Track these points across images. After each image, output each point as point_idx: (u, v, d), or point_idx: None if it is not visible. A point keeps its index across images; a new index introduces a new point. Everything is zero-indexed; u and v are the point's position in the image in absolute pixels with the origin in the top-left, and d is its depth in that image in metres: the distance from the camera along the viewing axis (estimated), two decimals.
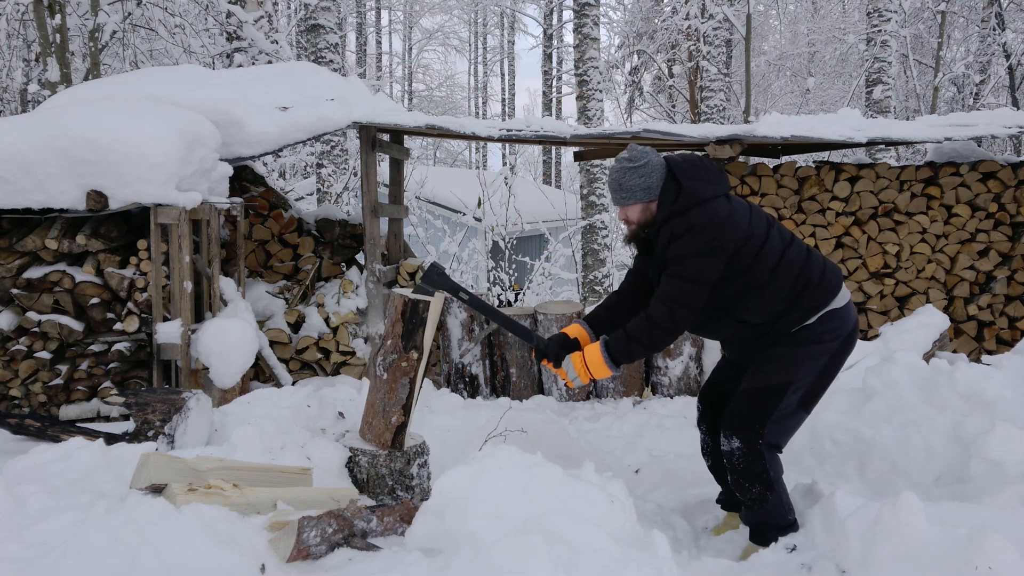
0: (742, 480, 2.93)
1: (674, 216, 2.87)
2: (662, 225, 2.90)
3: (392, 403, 3.04)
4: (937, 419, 3.42)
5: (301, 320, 5.83)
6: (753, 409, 2.89)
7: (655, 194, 2.93)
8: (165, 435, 3.46)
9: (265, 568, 2.16)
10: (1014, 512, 2.70)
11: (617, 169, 2.95)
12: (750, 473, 2.90)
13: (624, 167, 2.92)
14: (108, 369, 4.98)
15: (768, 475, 2.90)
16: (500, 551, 1.97)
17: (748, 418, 2.90)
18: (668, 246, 2.85)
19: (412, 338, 3.01)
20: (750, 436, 2.88)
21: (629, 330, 2.91)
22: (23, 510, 2.40)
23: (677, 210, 2.87)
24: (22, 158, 4.55)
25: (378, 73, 25.03)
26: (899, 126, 5.79)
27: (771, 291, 2.87)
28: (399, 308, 3.03)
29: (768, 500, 2.92)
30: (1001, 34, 13.06)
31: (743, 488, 2.94)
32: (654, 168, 2.92)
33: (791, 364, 2.87)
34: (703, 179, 2.92)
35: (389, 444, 3.06)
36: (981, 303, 5.84)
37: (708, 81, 13.88)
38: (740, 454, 2.90)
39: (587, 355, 2.97)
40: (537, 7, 23.41)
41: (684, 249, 2.80)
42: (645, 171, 2.91)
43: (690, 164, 2.96)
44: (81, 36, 9.27)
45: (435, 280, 3.09)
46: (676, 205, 2.87)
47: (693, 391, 5.61)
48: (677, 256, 2.82)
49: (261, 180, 6.09)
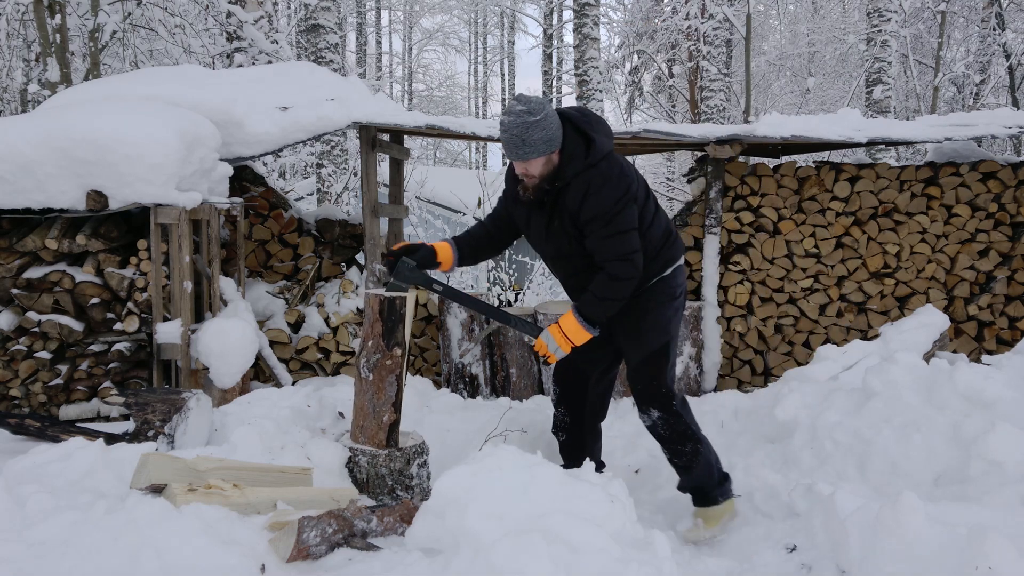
0: (674, 444, 3.16)
1: (588, 168, 2.89)
2: (574, 177, 2.90)
3: (382, 402, 3.05)
4: (937, 419, 3.42)
5: (301, 320, 5.83)
6: (654, 377, 3.13)
7: (556, 144, 2.88)
8: (165, 435, 3.46)
9: (265, 568, 2.16)
10: (1014, 512, 2.70)
11: (517, 124, 2.83)
12: (678, 434, 3.14)
13: (525, 121, 2.82)
14: (108, 369, 4.98)
15: (692, 428, 3.17)
16: (500, 551, 1.97)
17: (655, 387, 3.14)
18: (584, 200, 2.88)
19: (393, 335, 3.02)
20: (664, 401, 3.13)
21: (596, 291, 2.96)
22: (23, 510, 2.41)
23: (591, 163, 2.90)
24: (22, 158, 4.55)
25: (378, 73, 25.02)
26: (899, 126, 5.79)
27: (648, 240, 3.04)
28: (376, 308, 3.04)
29: (701, 453, 3.18)
30: (1001, 34, 13.06)
31: (678, 451, 3.17)
32: (552, 118, 2.87)
33: (663, 324, 3.12)
34: (603, 132, 2.97)
35: (384, 443, 3.06)
36: (981, 303, 5.84)
37: (708, 81, 13.88)
38: (663, 422, 3.14)
39: (563, 324, 3.00)
40: (537, 7, 23.42)
41: (606, 203, 2.88)
42: (546, 123, 2.84)
43: (586, 116, 3.00)
44: (81, 36, 9.26)
45: (407, 276, 3.12)
46: (589, 158, 2.89)
47: (694, 391, 5.61)
48: (603, 212, 2.89)
49: (261, 180, 6.09)
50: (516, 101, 2.88)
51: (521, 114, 2.83)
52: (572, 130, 2.94)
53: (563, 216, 2.97)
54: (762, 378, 5.94)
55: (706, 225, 5.80)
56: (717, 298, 5.82)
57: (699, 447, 3.17)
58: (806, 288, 5.92)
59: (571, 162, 2.91)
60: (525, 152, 2.86)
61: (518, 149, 2.86)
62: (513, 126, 2.84)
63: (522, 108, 2.84)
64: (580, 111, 3.03)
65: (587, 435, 3.46)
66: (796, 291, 5.90)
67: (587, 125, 2.96)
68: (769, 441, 3.98)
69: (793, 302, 5.93)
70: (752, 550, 2.89)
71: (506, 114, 2.87)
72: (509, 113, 2.86)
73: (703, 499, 3.23)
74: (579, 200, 2.89)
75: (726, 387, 5.85)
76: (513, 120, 2.84)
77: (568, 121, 2.96)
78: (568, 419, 3.43)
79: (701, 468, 3.19)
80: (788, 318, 5.92)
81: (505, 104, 28.00)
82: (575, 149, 2.91)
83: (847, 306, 5.94)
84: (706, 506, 3.23)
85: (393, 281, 3.11)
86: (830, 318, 5.93)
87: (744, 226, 5.88)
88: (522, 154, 2.87)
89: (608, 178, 2.90)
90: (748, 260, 5.87)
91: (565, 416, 3.43)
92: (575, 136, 2.93)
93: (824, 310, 5.95)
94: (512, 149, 2.88)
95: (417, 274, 3.14)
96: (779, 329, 5.94)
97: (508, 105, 2.88)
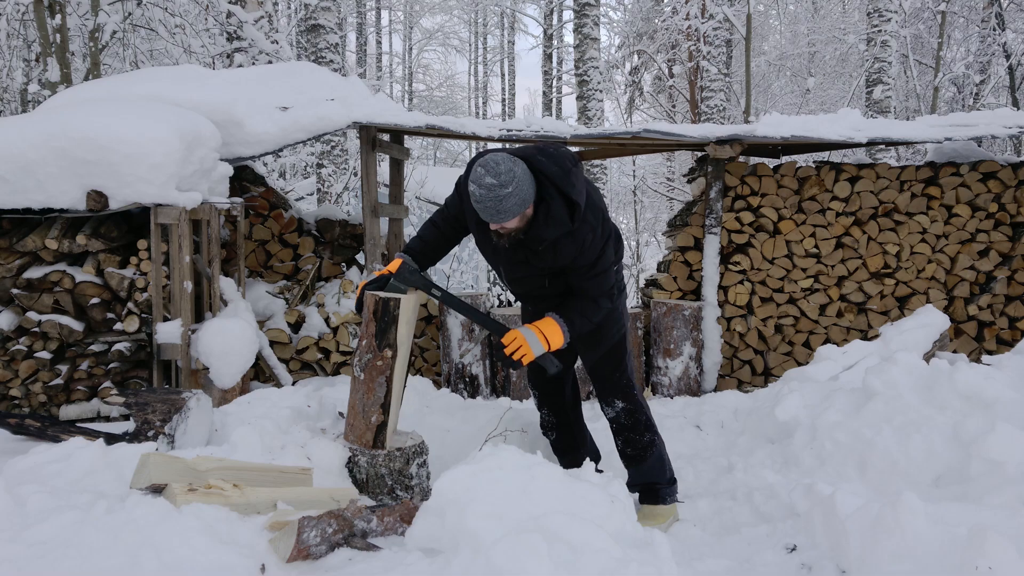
0: (632, 434, 3.30)
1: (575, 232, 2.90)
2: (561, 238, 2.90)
3: (371, 403, 3.05)
4: (937, 419, 3.42)
5: (301, 320, 5.83)
6: (615, 369, 3.27)
7: (530, 200, 2.83)
8: (165, 435, 3.46)
9: (265, 568, 2.16)
10: (1014, 512, 2.70)
11: (490, 197, 2.75)
12: (638, 424, 3.29)
13: (497, 195, 2.74)
14: (108, 369, 4.98)
15: (651, 419, 3.33)
16: (500, 551, 1.97)
17: (617, 378, 3.28)
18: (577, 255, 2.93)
19: (385, 336, 3.01)
20: (627, 391, 3.28)
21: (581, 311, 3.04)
22: (23, 510, 2.40)
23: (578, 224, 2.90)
24: (22, 158, 4.55)
25: (378, 73, 25.01)
26: (899, 126, 5.79)
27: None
28: (371, 307, 3.05)
29: (656, 444, 3.32)
30: (1001, 34, 13.06)
31: (635, 442, 3.30)
32: (522, 181, 2.78)
33: (616, 319, 3.24)
34: (576, 181, 2.89)
35: (371, 444, 3.06)
36: (981, 303, 5.84)
37: (708, 81, 13.88)
38: (626, 412, 3.28)
39: (544, 329, 3.02)
40: (537, 7, 23.42)
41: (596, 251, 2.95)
42: (518, 190, 2.76)
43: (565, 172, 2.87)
44: (81, 36, 9.26)
45: (407, 278, 3.13)
46: (575, 220, 2.89)
47: (693, 391, 5.61)
48: (593, 260, 2.96)
49: (261, 180, 6.09)
50: (484, 171, 2.76)
51: (492, 187, 2.74)
52: (554, 191, 2.86)
53: (544, 260, 2.97)
54: (762, 378, 5.95)
55: (706, 225, 5.80)
56: (717, 298, 5.83)
57: (655, 438, 3.33)
58: (806, 288, 5.92)
59: (555, 224, 2.86)
60: (501, 218, 2.82)
61: (493, 217, 2.82)
62: (487, 199, 2.77)
63: (492, 182, 2.74)
64: (556, 163, 2.89)
65: (574, 427, 3.61)
66: (796, 291, 5.90)
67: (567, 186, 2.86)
68: (769, 441, 3.98)
69: (793, 302, 5.93)
70: (752, 550, 2.89)
71: (476, 186, 2.77)
72: (480, 186, 2.76)
73: (652, 497, 3.32)
74: (572, 255, 2.95)
75: (726, 387, 5.85)
76: (485, 194, 2.76)
77: (547, 180, 2.86)
78: (554, 418, 3.58)
79: (654, 461, 3.31)
80: (788, 318, 5.92)
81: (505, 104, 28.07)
82: (558, 212, 2.85)
83: (847, 306, 5.94)
84: (654, 504, 3.31)
85: (394, 282, 3.13)
86: (830, 318, 5.93)
87: (744, 226, 5.88)
88: (498, 219, 2.83)
89: (594, 228, 2.94)
90: (748, 260, 5.87)
91: (550, 416, 3.59)
92: (557, 199, 2.85)
93: (824, 310, 5.95)
94: (487, 215, 2.83)
95: (417, 277, 3.14)
96: (779, 329, 5.94)
97: (475, 174, 2.76)
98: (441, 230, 3.31)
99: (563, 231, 2.88)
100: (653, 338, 5.65)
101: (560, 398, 3.55)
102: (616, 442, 3.38)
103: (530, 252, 3.00)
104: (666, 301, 5.66)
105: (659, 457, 3.33)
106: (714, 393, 5.40)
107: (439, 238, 3.30)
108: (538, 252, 2.97)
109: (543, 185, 2.87)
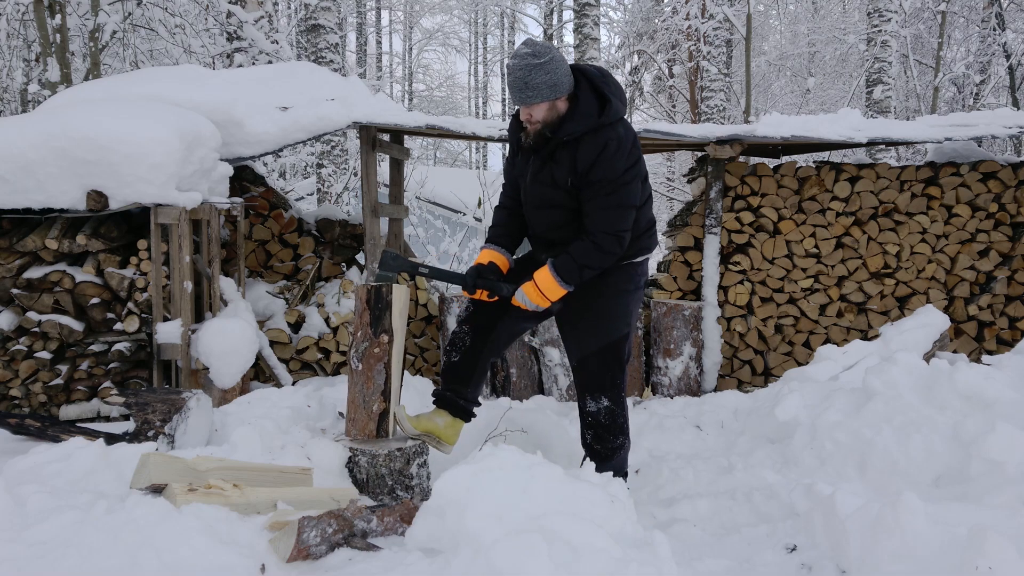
0: (606, 434, 3.18)
1: (603, 128, 2.84)
2: (587, 134, 2.85)
3: (371, 391, 3.06)
4: (937, 419, 3.42)
5: (301, 320, 5.83)
6: (611, 367, 3.14)
7: (562, 91, 2.83)
8: (165, 435, 3.46)
9: (265, 568, 2.16)
10: (1014, 512, 2.70)
11: (521, 67, 2.78)
12: (615, 426, 3.17)
13: (529, 63, 2.76)
14: (108, 369, 4.98)
15: (627, 423, 3.23)
16: (500, 551, 1.97)
17: (611, 376, 3.14)
18: (597, 160, 2.83)
19: (380, 322, 3.03)
20: (615, 392, 3.16)
21: (577, 256, 2.93)
22: (23, 510, 2.40)
23: (604, 122, 2.84)
24: (22, 158, 4.55)
25: (378, 73, 25.00)
26: (899, 126, 5.79)
27: (637, 220, 3.04)
28: (363, 297, 3.08)
29: (625, 448, 3.24)
30: (1001, 34, 13.06)
31: (608, 440, 3.19)
32: (559, 63, 2.80)
33: (625, 314, 3.13)
34: (619, 97, 2.92)
35: (374, 434, 3.07)
36: (981, 303, 5.84)
37: (708, 81, 13.88)
38: (607, 411, 3.15)
39: (539, 280, 2.97)
40: (537, 7, 23.41)
41: (618, 169, 2.83)
42: (551, 67, 2.77)
43: (604, 76, 2.93)
44: (81, 36, 9.26)
45: (391, 264, 3.15)
46: (604, 117, 2.84)
47: (693, 391, 5.61)
48: (613, 178, 2.84)
49: (261, 180, 6.09)
50: (523, 45, 2.82)
51: (525, 56, 2.78)
52: (587, 86, 2.87)
53: (563, 168, 2.92)
54: (762, 378, 5.95)
55: (706, 225, 5.79)
56: (717, 298, 5.83)
57: (626, 442, 3.26)
58: (806, 288, 5.92)
59: (582, 117, 2.84)
60: (528, 96, 2.81)
61: (521, 92, 2.81)
62: (517, 68, 2.79)
63: (527, 51, 2.79)
64: (599, 70, 2.96)
65: (480, 364, 3.28)
66: (796, 291, 5.90)
67: (604, 85, 2.89)
68: (769, 441, 3.98)
69: (793, 302, 5.93)
70: (752, 550, 2.89)
71: (512, 57, 2.83)
72: (515, 56, 2.81)
73: None
74: (591, 159, 2.84)
75: (726, 387, 5.85)
76: (517, 63, 2.79)
77: (584, 76, 2.90)
78: (468, 340, 3.24)
79: (619, 462, 3.27)
80: (788, 318, 5.92)
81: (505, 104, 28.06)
82: (587, 106, 2.84)
83: (847, 306, 5.94)
84: None
85: (380, 272, 3.16)
86: (830, 318, 5.93)
87: (744, 226, 5.88)
88: (525, 98, 2.82)
89: (623, 144, 2.86)
90: (748, 260, 5.87)
91: (467, 336, 3.25)
92: (589, 93, 2.86)
93: (824, 310, 5.95)
94: (516, 92, 2.83)
95: (401, 261, 3.18)
96: (779, 329, 5.94)
97: (515, 49, 2.86)
98: (509, 209, 3.29)
99: (588, 126, 2.84)
100: (653, 338, 5.65)
101: (490, 325, 3.23)
102: (585, 434, 3.25)
103: (554, 164, 2.93)
104: (666, 301, 5.66)
105: (623, 459, 3.31)
106: (714, 393, 5.40)
107: (512, 218, 3.28)
108: (559, 160, 2.90)
109: (579, 82, 2.87)
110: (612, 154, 2.83)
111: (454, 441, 3.29)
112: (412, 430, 3.14)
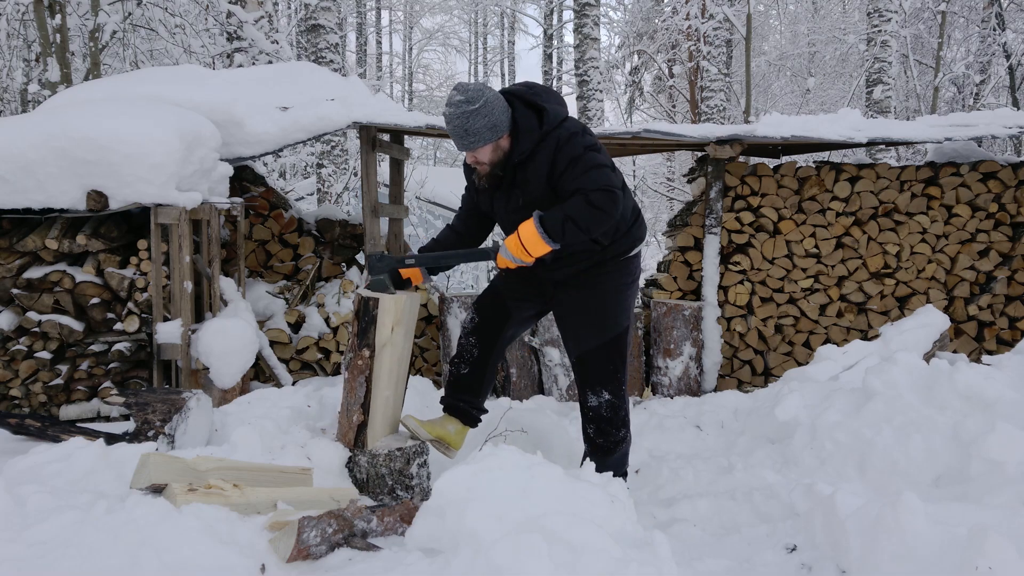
0: (608, 427, 3.16)
1: (547, 135, 2.84)
2: (536, 146, 2.85)
3: (352, 402, 3.06)
4: (937, 419, 3.42)
5: (301, 320, 5.83)
6: (612, 361, 3.14)
7: (502, 130, 2.83)
8: (165, 435, 3.46)
9: (265, 568, 2.16)
10: (1014, 512, 2.70)
11: (457, 115, 2.78)
12: (617, 419, 3.17)
13: (464, 111, 2.76)
14: (108, 369, 4.98)
15: (628, 416, 3.22)
16: (500, 551, 1.97)
17: (612, 370, 3.14)
18: (555, 157, 2.82)
19: (365, 336, 3.01)
20: (617, 386, 3.15)
21: (567, 209, 2.81)
22: (23, 510, 2.40)
23: (548, 129, 2.84)
24: (22, 158, 4.55)
25: (378, 73, 25.00)
26: (899, 126, 5.79)
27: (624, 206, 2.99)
28: (355, 307, 3.07)
29: (626, 441, 3.22)
30: (1001, 34, 13.06)
31: (610, 434, 3.17)
32: (493, 103, 2.80)
33: (624, 309, 3.14)
34: (555, 101, 2.93)
35: (352, 444, 3.06)
36: (981, 303, 5.84)
37: (708, 81, 13.88)
38: (608, 404, 3.14)
39: (522, 233, 2.87)
40: (537, 7, 23.41)
41: (577, 149, 2.81)
42: (486, 109, 2.77)
43: (532, 88, 2.94)
44: (81, 36, 9.26)
45: (378, 267, 3.12)
46: (546, 125, 2.85)
47: (694, 391, 5.61)
48: (576, 157, 2.81)
49: (261, 180, 6.09)
50: (455, 91, 2.82)
51: (460, 104, 2.78)
52: (522, 106, 2.89)
53: (531, 183, 2.92)
54: (762, 378, 5.95)
55: (706, 225, 5.79)
56: (717, 298, 5.83)
57: (628, 435, 3.26)
58: (806, 288, 5.92)
59: (526, 135, 2.85)
60: (471, 142, 2.82)
61: (463, 139, 2.83)
62: (454, 117, 2.79)
63: (460, 98, 2.79)
64: (527, 85, 2.98)
65: (488, 374, 3.36)
66: (796, 291, 5.90)
67: (535, 96, 2.91)
68: (769, 441, 3.98)
69: (793, 302, 5.93)
70: (752, 550, 2.89)
71: (447, 105, 2.83)
72: (449, 104, 2.81)
73: None
74: (549, 161, 2.84)
75: (726, 387, 5.85)
76: (453, 111, 2.79)
77: (515, 98, 2.90)
78: (476, 352, 3.32)
79: (619, 457, 3.27)
80: (788, 318, 5.92)
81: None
82: (527, 122, 2.85)
83: (847, 306, 5.94)
84: None
85: (371, 277, 3.13)
86: (830, 318, 5.93)
87: (744, 226, 5.88)
88: (467, 144, 2.83)
89: (574, 134, 2.86)
90: (748, 260, 5.87)
91: (475, 348, 3.33)
92: (524, 110, 2.87)
93: (824, 310, 5.95)
94: (457, 140, 2.84)
95: (388, 259, 3.14)
96: (779, 329, 5.94)
97: (448, 96, 2.83)
98: (456, 230, 3.31)
99: (534, 139, 2.85)
100: (653, 338, 5.65)
101: (496, 334, 3.30)
102: (587, 429, 3.23)
103: (519, 188, 2.93)
104: (666, 301, 5.66)
105: (625, 453, 3.31)
106: (714, 393, 5.40)
107: (453, 238, 3.30)
108: (522, 182, 2.90)
109: (513, 106, 2.88)
110: (566, 143, 2.84)
111: (460, 446, 3.34)
112: (427, 435, 3.18)
